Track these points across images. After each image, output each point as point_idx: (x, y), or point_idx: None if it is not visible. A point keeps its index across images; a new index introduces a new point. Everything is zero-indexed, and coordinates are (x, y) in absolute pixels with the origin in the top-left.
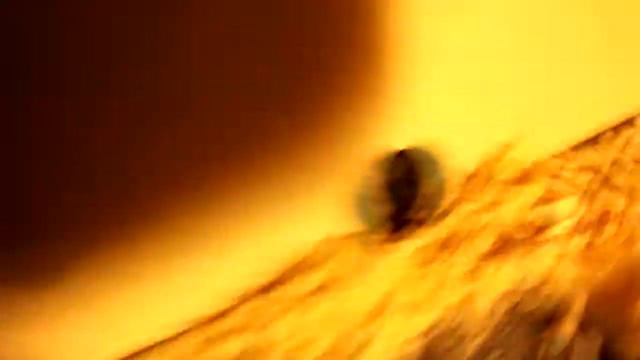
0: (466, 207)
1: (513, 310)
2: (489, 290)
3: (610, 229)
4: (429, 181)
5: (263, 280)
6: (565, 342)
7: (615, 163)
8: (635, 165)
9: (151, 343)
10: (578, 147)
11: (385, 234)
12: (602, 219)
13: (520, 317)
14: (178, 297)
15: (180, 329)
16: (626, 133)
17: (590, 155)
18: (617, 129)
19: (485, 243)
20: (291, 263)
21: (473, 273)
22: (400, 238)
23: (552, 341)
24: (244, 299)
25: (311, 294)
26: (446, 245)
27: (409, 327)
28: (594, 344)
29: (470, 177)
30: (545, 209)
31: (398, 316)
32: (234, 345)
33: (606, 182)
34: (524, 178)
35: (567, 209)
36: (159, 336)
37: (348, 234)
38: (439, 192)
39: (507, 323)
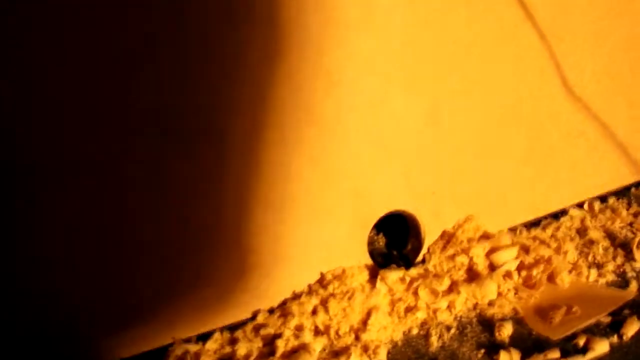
0: (444, 253)
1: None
2: (458, 303)
3: (539, 268)
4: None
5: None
6: None
7: (551, 236)
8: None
9: None
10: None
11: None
12: (535, 263)
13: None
14: None
15: None
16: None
17: (533, 230)
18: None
19: (457, 274)
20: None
21: (448, 292)
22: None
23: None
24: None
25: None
26: (429, 274)
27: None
28: None
29: (446, 234)
30: (497, 255)
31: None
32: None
33: (541, 242)
34: (483, 237)
35: (510, 256)
36: None
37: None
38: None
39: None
